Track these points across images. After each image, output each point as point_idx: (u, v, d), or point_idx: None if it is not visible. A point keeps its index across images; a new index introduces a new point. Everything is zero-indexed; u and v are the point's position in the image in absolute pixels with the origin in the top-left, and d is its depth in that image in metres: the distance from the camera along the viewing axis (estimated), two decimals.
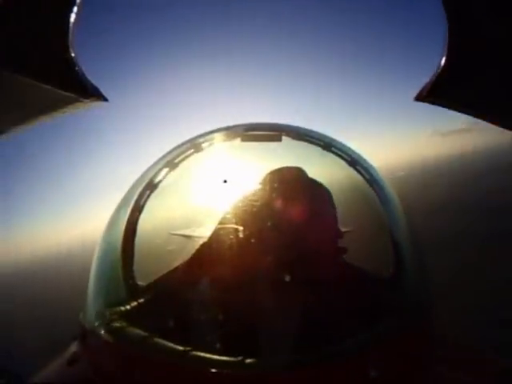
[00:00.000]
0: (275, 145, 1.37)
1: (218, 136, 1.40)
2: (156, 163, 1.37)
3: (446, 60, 0.81)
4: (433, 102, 0.91)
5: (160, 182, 1.32)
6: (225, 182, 1.21)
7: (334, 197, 1.10)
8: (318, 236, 0.98)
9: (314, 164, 1.33)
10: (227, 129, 1.43)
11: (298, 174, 1.09)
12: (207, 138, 1.40)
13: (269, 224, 1.00)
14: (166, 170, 1.33)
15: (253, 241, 1.03)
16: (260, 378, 0.74)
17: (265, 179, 1.13)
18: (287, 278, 0.99)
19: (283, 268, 0.99)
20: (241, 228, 1.07)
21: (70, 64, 0.81)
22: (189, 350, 0.78)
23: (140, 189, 1.31)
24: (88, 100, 0.88)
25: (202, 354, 0.78)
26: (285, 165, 1.20)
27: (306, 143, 1.38)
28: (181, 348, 0.79)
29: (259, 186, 1.14)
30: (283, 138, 1.35)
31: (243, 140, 1.36)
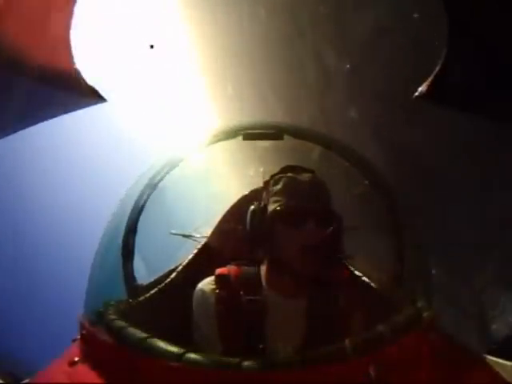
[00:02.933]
0: (277, 143, 1.37)
1: (218, 134, 1.40)
2: (156, 163, 1.37)
3: (445, 60, 0.81)
4: (433, 102, 0.91)
5: (160, 181, 1.32)
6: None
7: (335, 197, 1.10)
8: (319, 237, 0.98)
9: (315, 163, 1.33)
10: (228, 127, 1.43)
11: (300, 173, 1.08)
12: (208, 136, 1.40)
13: (269, 225, 1.00)
14: (165, 170, 1.33)
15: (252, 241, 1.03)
16: (258, 380, 0.74)
17: (266, 179, 1.13)
18: (286, 279, 0.99)
19: (283, 269, 0.99)
20: (241, 228, 1.07)
21: (70, 65, 0.81)
22: (188, 351, 0.78)
23: (140, 189, 1.31)
24: (87, 100, 0.88)
25: (201, 355, 0.78)
26: (286, 163, 1.19)
27: (307, 142, 1.38)
28: (181, 349, 0.79)
29: (259, 186, 1.13)
30: (285, 136, 1.35)
31: (244, 138, 1.36)
